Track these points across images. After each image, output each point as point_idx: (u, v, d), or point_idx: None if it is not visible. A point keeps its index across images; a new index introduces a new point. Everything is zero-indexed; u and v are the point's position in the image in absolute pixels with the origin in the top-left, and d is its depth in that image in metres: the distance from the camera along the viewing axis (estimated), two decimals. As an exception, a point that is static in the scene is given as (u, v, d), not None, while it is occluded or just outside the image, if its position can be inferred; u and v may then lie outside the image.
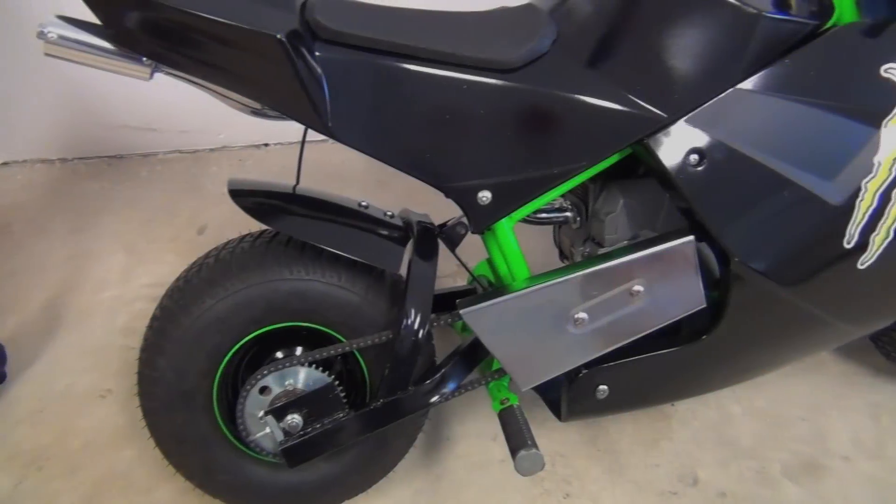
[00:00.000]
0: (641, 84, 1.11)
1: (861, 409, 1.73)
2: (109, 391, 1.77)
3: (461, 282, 2.04)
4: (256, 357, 1.31)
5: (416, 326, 1.17)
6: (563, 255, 1.68)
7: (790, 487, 1.53)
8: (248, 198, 1.20)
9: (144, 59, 1.01)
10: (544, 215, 1.44)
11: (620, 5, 1.13)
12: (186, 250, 2.32)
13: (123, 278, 2.20)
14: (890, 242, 1.23)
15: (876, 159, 1.17)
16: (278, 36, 0.95)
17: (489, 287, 1.46)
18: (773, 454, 1.61)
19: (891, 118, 1.16)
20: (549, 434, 1.64)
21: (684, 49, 1.11)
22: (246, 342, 1.23)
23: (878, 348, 1.71)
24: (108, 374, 1.81)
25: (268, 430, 1.23)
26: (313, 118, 1.04)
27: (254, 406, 1.23)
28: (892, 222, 1.21)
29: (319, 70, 1.02)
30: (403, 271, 1.21)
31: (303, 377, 1.24)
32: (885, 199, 1.19)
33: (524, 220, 1.35)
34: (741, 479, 1.55)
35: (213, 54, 1.00)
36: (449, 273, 2.11)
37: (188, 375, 1.21)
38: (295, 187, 1.27)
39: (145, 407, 1.25)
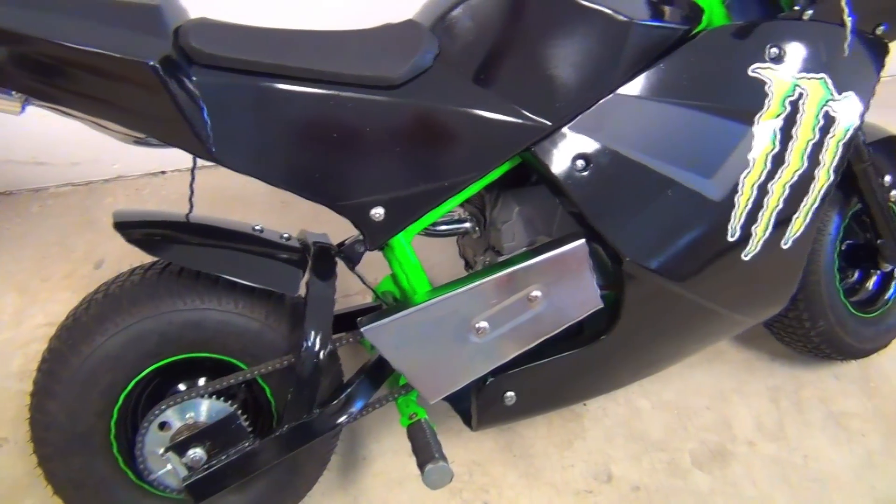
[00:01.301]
0: (524, 94, 1.14)
1: (762, 394, 1.80)
2: (5, 440, 1.67)
3: (370, 298, 2.03)
4: (159, 391, 1.27)
5: (316, 348, 1.16)
6: (468, 265, 1.70)
7: (700, 476, 1.58)
8: (135, 229, 1.16)
9: (13, 92, 0.97)
10: (444, 227, 1.45)
11: (499, 18, 1.15)
12: (83, 286, 2.22)
13: (16, 320, 2.09)
14: (770, 233, 1.29)
15: (751, 155, 1.23)
16: (150, 63, 0.93)
17: (394, 302, 1.46)
18: (683, 444, 1.66)
19: (761, 115, 1.22)
20: (465, 444, 1.64)
21: (563, 58, 1.14)
22: (143, 377, 1.19)
23: (773, 334, 1.78)
24: (3, 422, 1.72)
25: (170, 466, 1.19)
26: (195, 144, 1.02)
27: (154, 443, 1.18)
28: (771, 213, 1.28)
29: (197, 95, 1.00)
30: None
31: (204, 409, 1.20)
32: (762, 193, 1.25)
33: (424, 234, 1.35)
34: (653, 472, 1.59)
35: (86, 85, 0.96)
36: (357, 291, 2.10)
37: (82, 417, 1.16)
38: (188, 215, 1.24)
39: (39, 454, 1.19)
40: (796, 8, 1.27)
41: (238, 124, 1.03)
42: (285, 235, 1.27)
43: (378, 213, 1.15)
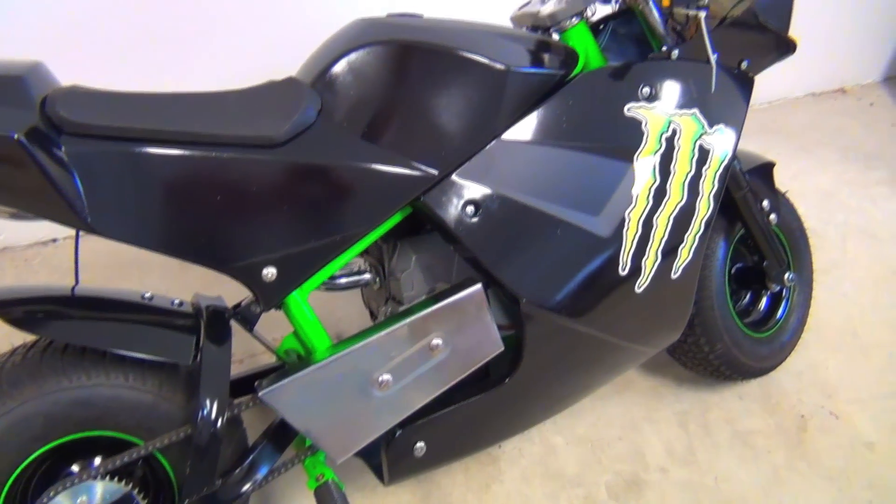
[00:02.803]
0: (409, 144, 1.15)
1: (671, 420, 1.84)
2: None
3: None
4: (52, 473, 1.20)
5: (213, 416, 1.12)
6: (373, 316, 1.68)
7: (617, 507, 1.60)
8: (13, 308, 1.10)
9: None
10: (343, 280, 1.43)
11: (379, 72, 1.16)
12: (-29, 367, 2.09)
13: None
14: (659, 264, 1.33)
15: (634, 191, 1.27)
16: (14, 136, 0.89)
17: (298, 360, 1.43)
18: (598, 478, 1.67)
19: (640, 152, 1.27)
20: (382, 499, 1.61)
21: (445, 107, 1.16)
22: (31, 461, 1.12)
23: (676, 360, 1.83)
24: None
25: (63, 556, 1.12)
26: (70, 217, 0.98)
27: (45, 532, 1.11)
28: (659, 245, 1.32)
29: (69, 165, 0.96)
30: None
31: (98, 491, 1.14)
32: (648, 226, 1.30)
33: (324, 288, 1.33)
34: (571, 509, 1.59)
35: None
36: (263, 350, 2.05)
37: (-37, 510, 1.09)
38: (73, 288, 1.19)
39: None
40: (664, 48, 1.34)
41: (114, 193, 1.00)
42: (176, 301, 1.23)
43: (270, 272, 1.13)
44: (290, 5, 2.67)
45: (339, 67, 1.16)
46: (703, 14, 1.28)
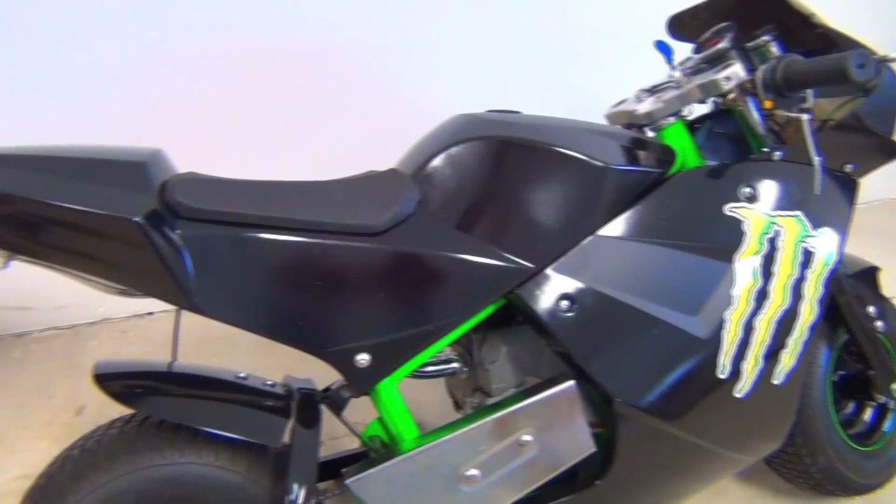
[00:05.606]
0: (506, 237, 1.15)
1: (766, 533, 1.73)
2: None
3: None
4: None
5: (300, 502, 1.11)
6: (457, 406, 1.66)
7: None
8: (116, 381, 1.14)
9: None
10: (431, 369, 1.43)
11: (478, 166, 1.18)
12: (63, 434, 2.16)
13: (-10, 473, 2.01)
14: (760, 369, 1.28)
15: (734, 292, 1.24)
16: (135, 219, 0.94)
17: (382, 447, 1.41)
18: None
19: (740, 253, 1.24)
20: None
21: (543, 203, 1.16)
22: (116, 538, 1.13)
23: (774, 470, 1.73)
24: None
25: None
26: (178, 297, 1.02)
27: None
28: (760, 349, 1.27)
29: (182, 247, 1.01)
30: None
31: (181, 572, 1.13)
32: (748, 329, 1.25)
33: (412, 376, 1.33)
34: None
35: (71, 242, 0.97)
36: (345, 433, 2.04)
37: (50, 584, 1.09)
38: (170, 364, 1.22)
39: None
40: (766, 149, 1.32)
41: (222, 275, 1.03)
42: (269, 382, 1.24)
43: (363, 359, 1.14)
44: (393, 101, 2.79)
45: (440, 161, 1.19)
46: (805, 117, 1.27)
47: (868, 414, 1.76)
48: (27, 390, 2.41)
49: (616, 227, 1.19)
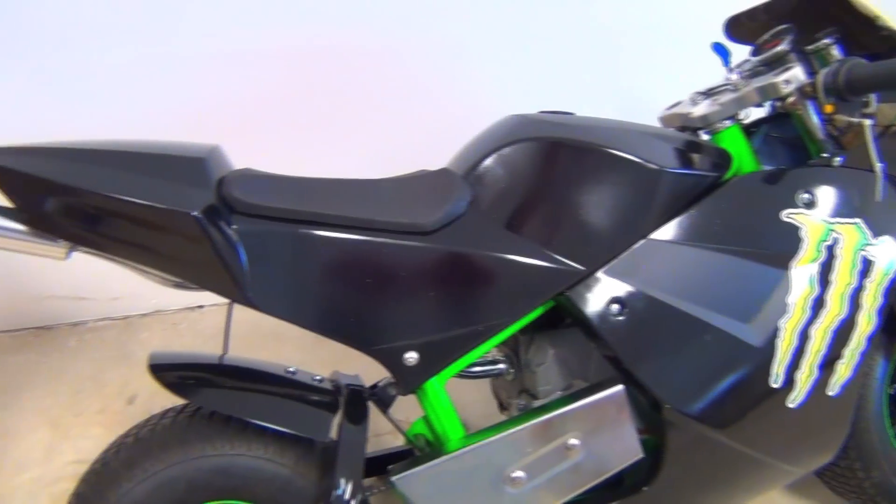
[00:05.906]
0: (558, 239, 1.15)
1: (815, 548, 1.69)
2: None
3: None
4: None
5: (346, 497, 1.12)
6: (501, 407, 1.66)
7: None
8: (169, 372, 1.16)
9: (60, 240, 1.00)
10: (478, 369, 1.43)
11: (531, 167, 1.18)
12: (115, 422, 2.21)
13: (46, 457, 2.07)
14: (815, 379, 1.25)
15: (789, 300, 1.21)
16: (194, 213, 0.96)
17: (426, 446, 1.42)
18: None
19: (797, 260, 1.22)
20: None
21: (595, 205, 1.16)
22: (167, 527, 1.15)
23: (825, 483, 1.69)
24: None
25: None
26: (233, 290, 1.04)
27: None
28: (815, 359, 1.24)
29: (237, 242, 1.02)
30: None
31: (228, 562, 1.15)
32: (804, 338, 1.22)
33: (458, 376, 1.33)
34: None
35: (131, 234, 1.00)
36: (389, 430, 2.04)
37: (103, 567, 1.12)
38: (222, 357, 1.24)
39: None
40: (825, 155, 1.29)
41: (275, 270, 1.05)
42: (318, 378, 1.26)
43: (412, 357, 1.14)
44: (445, 101, 2.81)
45: (492, 161, 1.19)
46: (868, 122, 1.23)
47: (926, 429, 1.71)
48: (81, 378, 2.47)
49: (669, 231, 1.18)
